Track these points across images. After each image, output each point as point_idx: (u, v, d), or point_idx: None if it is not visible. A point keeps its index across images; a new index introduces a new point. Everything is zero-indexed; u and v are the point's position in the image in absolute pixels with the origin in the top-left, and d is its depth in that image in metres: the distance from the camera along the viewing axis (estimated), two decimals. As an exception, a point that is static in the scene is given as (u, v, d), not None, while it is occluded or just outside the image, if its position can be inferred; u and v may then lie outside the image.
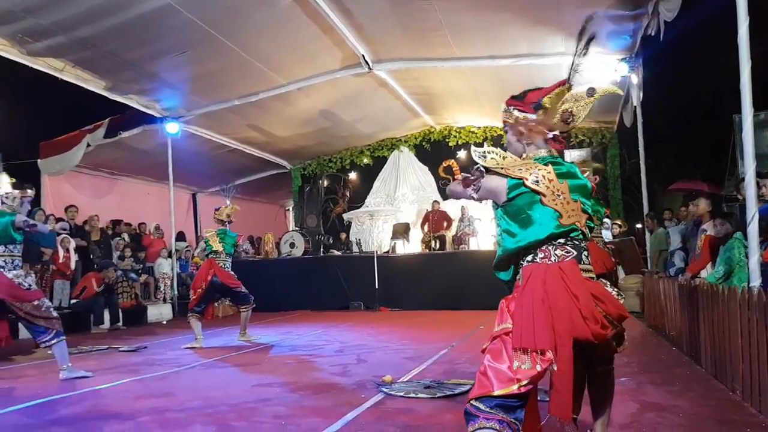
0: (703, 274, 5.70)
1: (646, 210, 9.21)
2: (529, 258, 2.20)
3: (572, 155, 11.95)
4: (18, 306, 4.75)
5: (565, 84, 2.28)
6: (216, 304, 8.83)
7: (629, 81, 8.84)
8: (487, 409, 2.01)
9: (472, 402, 2.04)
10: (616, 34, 8.07)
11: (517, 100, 2.39)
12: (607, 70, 8.93)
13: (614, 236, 10.08)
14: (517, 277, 2.25)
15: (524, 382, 2.00)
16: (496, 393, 2.00)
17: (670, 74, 13.64)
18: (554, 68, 9.33)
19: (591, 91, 2.28)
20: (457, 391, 3.81)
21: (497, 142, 13.16)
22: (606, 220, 10.98)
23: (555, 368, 2.05)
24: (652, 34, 7.02)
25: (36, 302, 4.81)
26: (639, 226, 12.89)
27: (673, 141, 17.50)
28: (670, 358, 5.11)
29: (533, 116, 2.32)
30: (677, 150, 17.86)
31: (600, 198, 12.32)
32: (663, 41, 6.85)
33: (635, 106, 9.02)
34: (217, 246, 6.97)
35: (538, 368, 2.00)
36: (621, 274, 9.28)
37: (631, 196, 13.45)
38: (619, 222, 10.51)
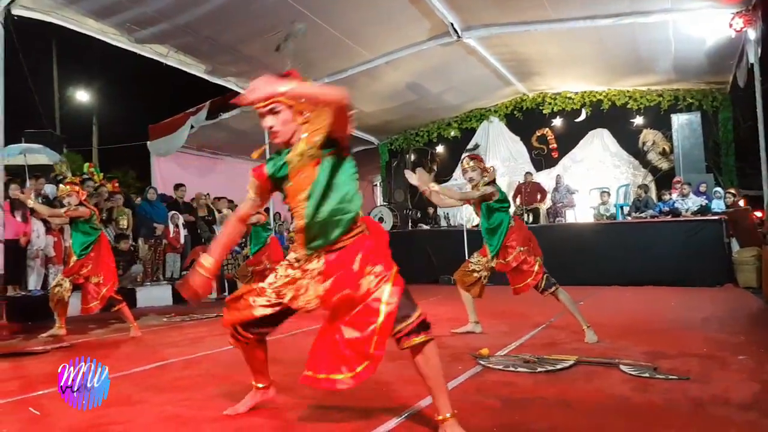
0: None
1: (765, 177, 8.41)
2: None
3: (680, 119, 11.12)
4: None
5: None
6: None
7: (745, 36, 8.05)
8: None
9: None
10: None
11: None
12: (720, 25, 8.20)
13: (728, 206, 9.36)
14: None
15: None
16: None
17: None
18: (660, 27, 8.70)
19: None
20: (558, 366, 3.71)
21: (596, 107, 12.48)
22: (718, 189, 10.21)
23: None
24: (775, -19, 6.34)
25: None
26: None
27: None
28: (795, 336, 4.70)
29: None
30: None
31: (710, 164, 11.47)
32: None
33: (752, 64, 8.19)
34: None
35: None
36: (735, 246, 8.60)
37: (747, 163, 12.35)
38: (732, 191, 9.73)
